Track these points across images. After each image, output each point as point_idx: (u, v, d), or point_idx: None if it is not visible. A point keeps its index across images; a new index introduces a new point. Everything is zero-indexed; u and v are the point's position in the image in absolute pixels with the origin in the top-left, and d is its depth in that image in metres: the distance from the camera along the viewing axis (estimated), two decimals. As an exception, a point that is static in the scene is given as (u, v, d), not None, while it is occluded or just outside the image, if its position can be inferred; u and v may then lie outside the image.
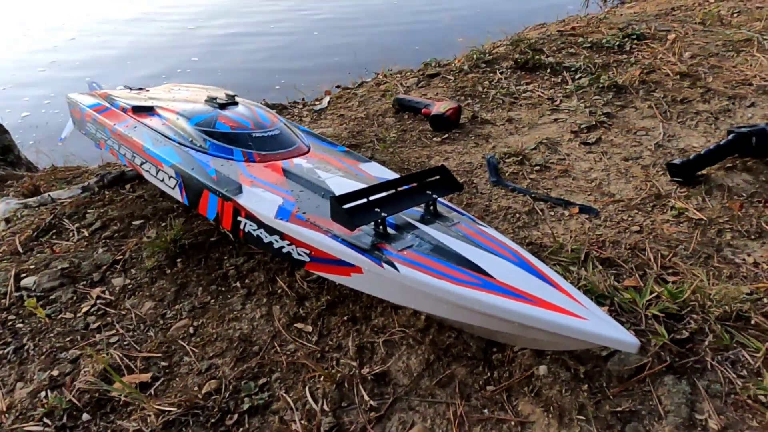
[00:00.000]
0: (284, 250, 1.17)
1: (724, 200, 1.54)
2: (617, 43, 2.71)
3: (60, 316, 1.33)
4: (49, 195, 1.94)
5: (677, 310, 1.16)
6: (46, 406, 1.08)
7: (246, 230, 1.23)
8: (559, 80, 2.47)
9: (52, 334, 1.28)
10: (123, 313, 1.33)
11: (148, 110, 1.65)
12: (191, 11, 6.15)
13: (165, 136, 1.50)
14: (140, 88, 2.03)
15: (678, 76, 2.30)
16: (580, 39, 2.82)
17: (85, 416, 1.06)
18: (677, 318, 1.15)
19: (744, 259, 1.33)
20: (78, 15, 6.08)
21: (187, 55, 4.59)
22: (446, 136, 2.12)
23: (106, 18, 5.99)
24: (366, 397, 1.04)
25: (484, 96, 2.43)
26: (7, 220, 1.83)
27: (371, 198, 1.10)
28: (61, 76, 4.26)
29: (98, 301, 1.37)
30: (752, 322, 1.13)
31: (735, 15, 2.99)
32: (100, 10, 6.29)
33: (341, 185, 1.28)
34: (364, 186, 1.12)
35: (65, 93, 1.92)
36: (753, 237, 1.40)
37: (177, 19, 5.81)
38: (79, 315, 1.33)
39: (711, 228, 1.44)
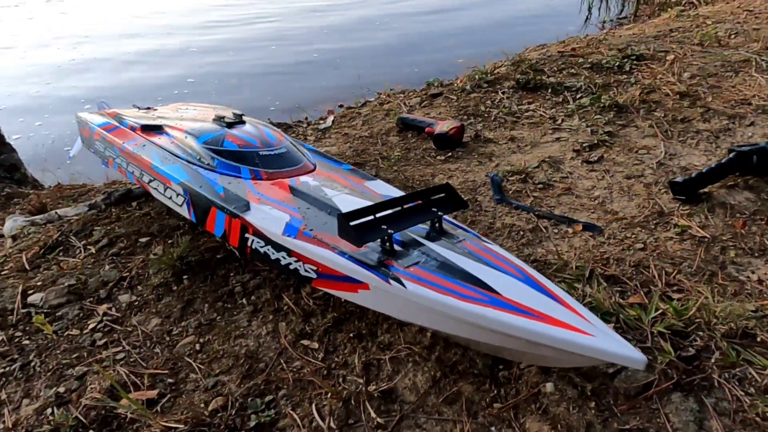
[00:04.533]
0: (291, 267, 1.18)
1: (726, 218, 1.55)
2: (617, 63, 2.75)
3: (67, 333, 1.34)
4: (56, 212, 1.96)
5: (683, 327, 1.16)
6: (52, 423, 1.08)
7: (253, 247, 1.24)
8: (561, 100, 2.50)
9: (58, 351, 1.28)
10: (129, 329, 1.33)
11: (157, 129, 1.67)
12: (186, 31, 6.24)
13: (173, 155, 1.52)
14: (148, 108, 2.07)
15: (678, 96, 2.34)
16: (581, 59, 2.86)
17: (91, 433, 1.06)
18: (683, 335, 1.15)
19: (748, 277, 1.33)
20: (77, 36, 6.16)
21: (183, 76, 4.63)
22: (449, 154, 2.15)
23: (102, 38, 6.06)
24: (373, 414, 1.04)
25: (486, 115, 2.46)
26: (14, 237, 1.85)
27: (378, 215, 1.11)
28: (56, 98, 4.26)
29: (105, 318, 1.37)
30: (758, 339, 1.13)
31: (732, 36, 3.04)
32: (96, 32, 6.37)
33: (348, 203, 1.29)
34: (371, 203, 1.14)
35: (57, 115, 1.94)
36: (757, 254, 1.41)
37: (172, 40, 5.88)
38: (85, 332, 1.33)
39: (714, 245, 1.45)
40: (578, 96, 2.49)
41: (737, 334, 1.14)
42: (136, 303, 1.43)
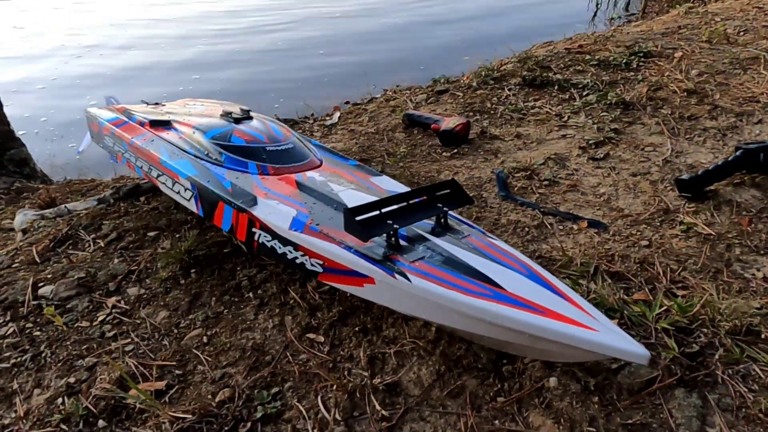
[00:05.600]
0: (298, 261, 1.19)
1: (732, 216, 1.55)
2: (624, 60, 2.74)
3: (76, 325, 1.36)
4: (65, 206, 1.98)
5: (687, 323, 1.17)
6: (62, 412, 1.10)
7: (260, 241, 1.26)
8: (567, 97, 2.50)
9: (68, 342, 1.30)
10: (138, 322, 1.35)
11: (165, 124, 1.69)
12: (191, 26, 6.26)
13: (181, 150, 1.53)
14: (156, 103, 2.08)
15: (685, 93, 2.33)
16: (588, 56, 2.85)
17: (101, 423, 1.08)
18: (687, 332, 1.16)
19: (754, 274, 1.33)
20: (86, 32, 6.17)
21: (188, 72, 4.63)
22: (455, 151, 2.15)
23: (108, 35, 6.08)
24: (378, 407, 1.05)
25: (492, 112, 2.46)
26: (25, 231, 1.87)
27: (383, 210, 1.12)
28: (61, 94, 4.27)
29: (114, 310, 1.39)
30: (762, 336, 1.13)
31: (741, 33, 3.02)
32: (99, 28, 6.39)
33: (354, 198, 1.30)
34: (376, 199, 1.15)
35: (60, 111, 1.95)
36: (762, 252, 1.40)
37: (177, 35, 5.90)
38: (95, 323, 1.35)
39: (720, 243, 1.45)
40: (585, 93, 2.48)
41: (741, 331, 1.14)
42: (145, 296, 1.44)
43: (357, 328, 1.25)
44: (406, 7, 6.46)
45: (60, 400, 1.14)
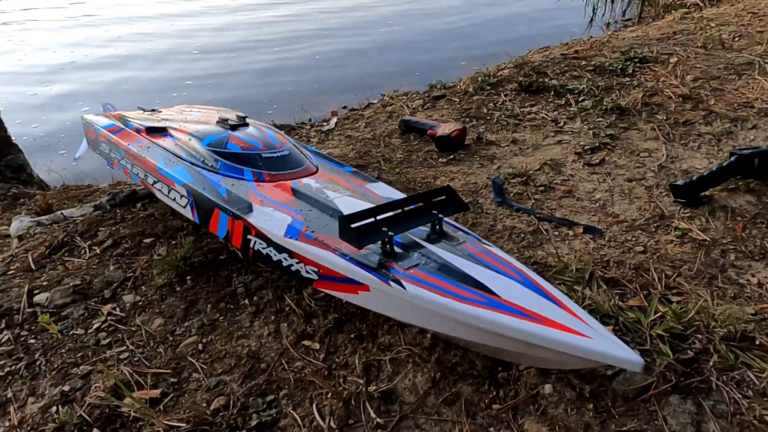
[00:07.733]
0: (293, 269, 1.19)
1: (727, 221, 1.56)
2: (620, 66, 2.75)
3: (71, 332, 1.35)
4: (61, 213, 1.98)
5: (682, 330, 1.17)
6: (57, 421, 1.10)
7: (256, 248, 1.26)
8: (563, 102, 2.51)
9: (63, 350, 1.30)
10: (133, 329, 1.35)
11: (161, 131, 1.69)
12: (188, 31, 6.27)
13: (177, 156, 1.54)
14: (153, 110, 2.08)
15: (680, 99, 2.34)
16: (584, 62, 2.87)
17: (95, 431, 1.07)
18: (682, 338, 1.16)
19: (748, 280, 1.34)
20: (75, 40, 6.15)
21: (181, 78, 4.61)
22: (451, 156, 2.16)
23: (104, 40, 6.07)
24: (373, 415, 1.05)
25: (488, 118, 2.47)
26: (20, 238, 1.87)
27: (378, 217, 1.12)
28: (52, 102, 4.24)
29: (109, 318, 1.39)
30: (757, 342, 1.14)
31: (736, 39, 3.04)
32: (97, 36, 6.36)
33: (349, 205, 1.30)
34: (372, 206, 1.15)
35: (51, 121, 1.93)
36: (757, 258, 1.41)
37: (171, 42, 5.91)
38: (90, 331, 1.35)
39: (715, 248, 1.45)
40: (580, 98, 2.49)
41: (736, 337, 1.15)
42: (140, 303, 1.44)
43: (352, 335, 1.25)
44: (404, 17, 6.49)
45: (54, 408, 1.14)
